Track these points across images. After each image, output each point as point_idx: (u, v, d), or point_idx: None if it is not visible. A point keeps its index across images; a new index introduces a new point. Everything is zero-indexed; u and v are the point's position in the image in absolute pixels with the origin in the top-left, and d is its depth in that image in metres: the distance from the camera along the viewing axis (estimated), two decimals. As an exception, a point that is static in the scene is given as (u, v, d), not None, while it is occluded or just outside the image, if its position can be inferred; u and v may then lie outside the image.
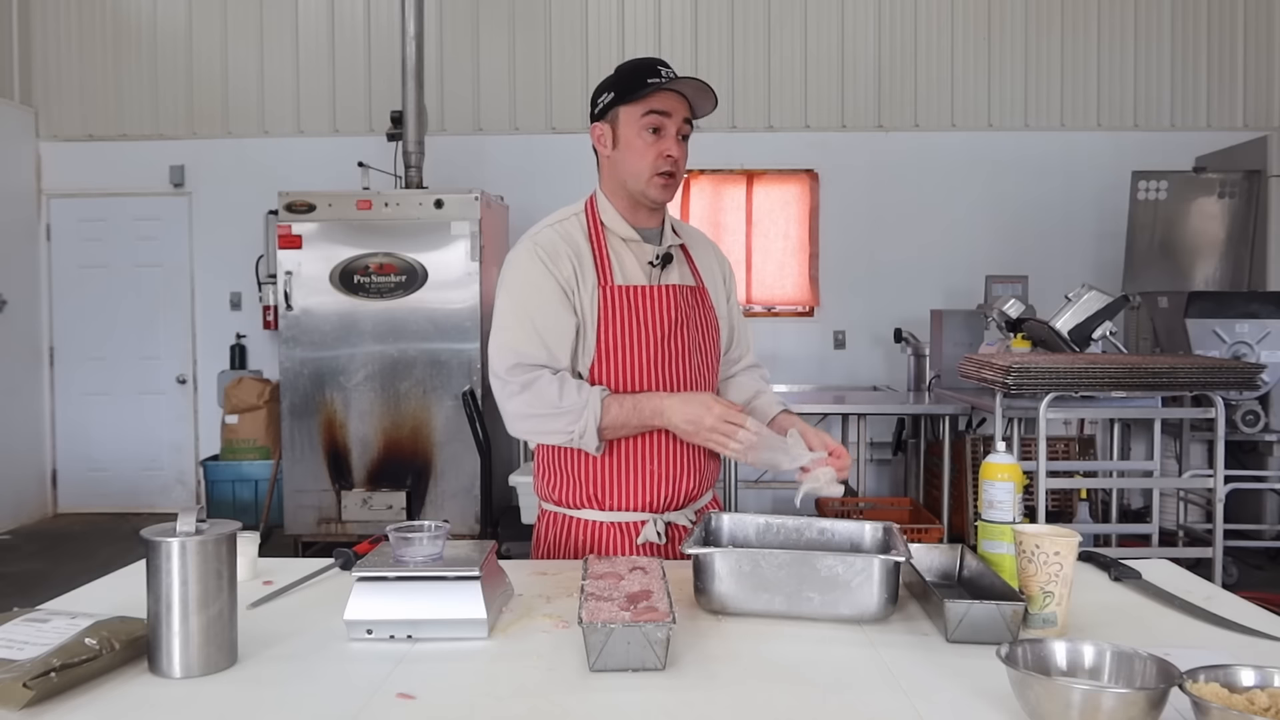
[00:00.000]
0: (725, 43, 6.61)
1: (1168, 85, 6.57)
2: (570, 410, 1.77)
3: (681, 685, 1.25)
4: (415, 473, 5.40)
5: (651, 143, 1.83)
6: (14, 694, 1.14)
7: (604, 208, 1.92)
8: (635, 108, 1.83)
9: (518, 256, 1.88)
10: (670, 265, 1.92)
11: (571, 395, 1.78)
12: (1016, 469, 1.59)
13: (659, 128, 1.83)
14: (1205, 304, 5.10)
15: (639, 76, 1.82)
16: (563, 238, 1.87)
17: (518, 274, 1.87)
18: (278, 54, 6.72)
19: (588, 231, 1.90)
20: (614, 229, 1.90)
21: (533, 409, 1.80)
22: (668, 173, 1.84)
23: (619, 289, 1.85)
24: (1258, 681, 1.09)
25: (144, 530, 1.30)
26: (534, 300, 1.83)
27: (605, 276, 1.86)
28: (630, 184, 1.87)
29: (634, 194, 1.88)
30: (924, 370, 5.82)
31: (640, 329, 1.85)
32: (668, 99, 1.82)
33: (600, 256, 1.87)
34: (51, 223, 6.81)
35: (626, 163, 1.86)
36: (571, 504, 1.91)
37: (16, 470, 6.53)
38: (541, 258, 1.84)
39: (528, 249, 1.87)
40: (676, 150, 1.84)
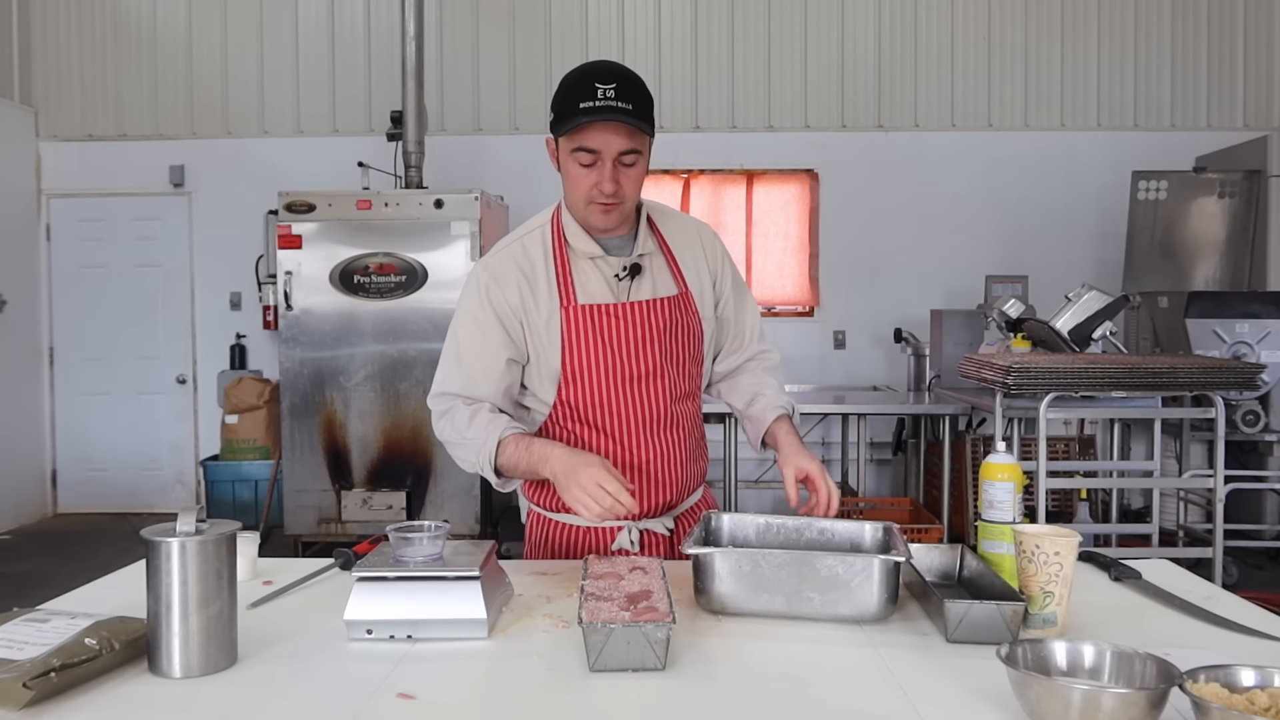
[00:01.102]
0: (725, 43, 6.61)
1: (1168, 85, 6.57)
2: (472, 443, 1.77)
3: (681, 685, 1.25)
4: (415, 473, 5.40)
5: (583, 174, 1.71)
6: (14, 694, 1.14)
7: (567, 221, 1.83)
8: (566, 141, 1.71)
9: (467, 282, 1.85)
10: (642, 275, 1.82)
11: (477, 429, 1.76)
12: (1016, 469, 1.59)
13: (590, 163, 1.70)
14: (1205, 304, 5.10)
15: (571, 100, 1.67)
16: (518, 260, 1.81)
17: (462, 302, 1.85)
18: (278, 54, 6.72)
19: (550, 247, 1.81)
20: (576, 245, 1.80)
21: (446, 435, 1.82)
22: (603, 202, 1.72)
23: (582, 309, 1.78)
24: (1258, 681, 1.09)
25: (144, 530, 1.30)
26: (463, 330, 1.82)
27: (568, 296, 1.78)
28: (573, 210, 1.80)
29: (580, 219, 1.80)
30: (924, 370, 5.82)
31: (606, 349, 1.79)
32: (598, 133, 1.66)
33: (563, 275, 1.79)
34: (51, 223, 6.81)
35: (566, 189, 1.78)
36: (551, 507, 1.93)
37: (16, 470, 6.53)
38: (485, 286, 1.80)
39: (476, 275, 1.83)
40: (610, 184, 1.70)
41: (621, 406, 1.82)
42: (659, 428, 1.85)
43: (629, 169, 1.72)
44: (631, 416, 1.83)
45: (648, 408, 1.83)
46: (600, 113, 1.64)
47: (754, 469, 6.53)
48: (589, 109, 1.64)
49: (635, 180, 1.74)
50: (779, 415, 1.90)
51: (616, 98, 1.65)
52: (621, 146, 1.69)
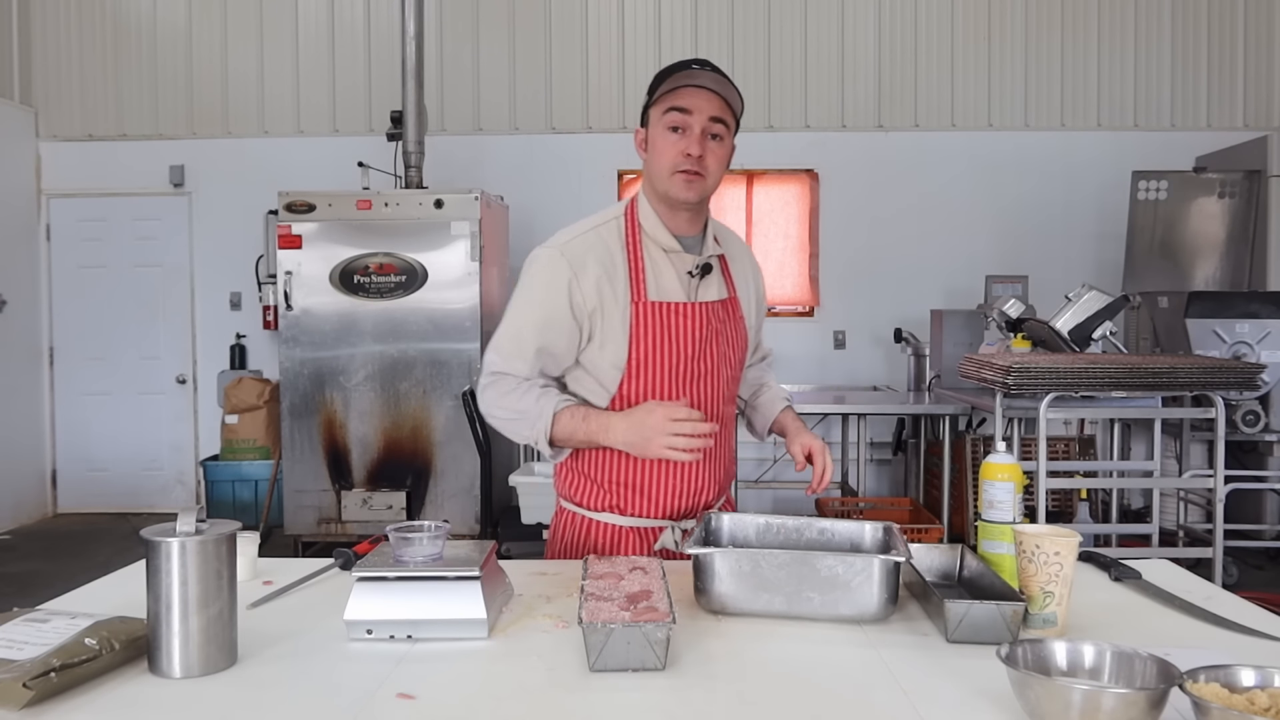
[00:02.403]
0: (725, 43, 6.61)
1: (1168, 85, 6.57)
2: (526, 416, 1.81)
3: (681, 685, 1.25)
4: (415, 473, 5.40)
5: (672, 141, 1.78)
6: (14, 694, 1.14)
7: (645, 213, 1.87)
8: (658, 107, 1.80)
9: (539, 259, 1.84)
10: (709, 276, 1.89)
11: (529, 403, 1.81)
12: (1016, 469, 1.59)
13: (679, 126, 1.77)
14: (1205, 304, 5.10)
15: (666, 75, 1.79)
16: (594, 247, 1.83)
17: (529, 278, 1.85)
18: (278, 54, 6.72)
19: (625, 239, 1.85)
20: (654, 236, 1.85)
21: (491, 410, 1.86)
22: (689, 170, 1.77)
23: (653, 306, 1.81)
24: (1258, 681, 1.09)
25: (144, 530, 1.30)
26: (527, 310, 1.84)
27: (639, 291, 1.82)
28: (657, 184, 1.83)
29: (662, 194, 1.83)
30: (924, 370, 5.82)
31: (671, 346, 1.83)
32: (690, 96, 1.76)
33: (635, 268, 1.83)
34: (51, 223, 6.81)
35: (652, 162, 1.83)
36: (591, 506, 1.92)
37: (16, 470, 6.53)
38: (558, 268, 1.80)
39: (551, 255, 1.83)
40: (697, 148, 1.76)
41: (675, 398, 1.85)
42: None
43: (715, 143, 1.79)
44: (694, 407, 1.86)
45: (703, 406, 1.86)
46: (695, 77, 1.76)
47: (754, 469, 6.53)
48: (684, 77, 1.77)
49: (718, 159, 1.81)
50: (785, 406, 2.05)
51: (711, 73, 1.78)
52: (711, 112, 1.77)
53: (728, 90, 1.77)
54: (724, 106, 1.78)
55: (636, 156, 1.91)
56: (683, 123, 1.77)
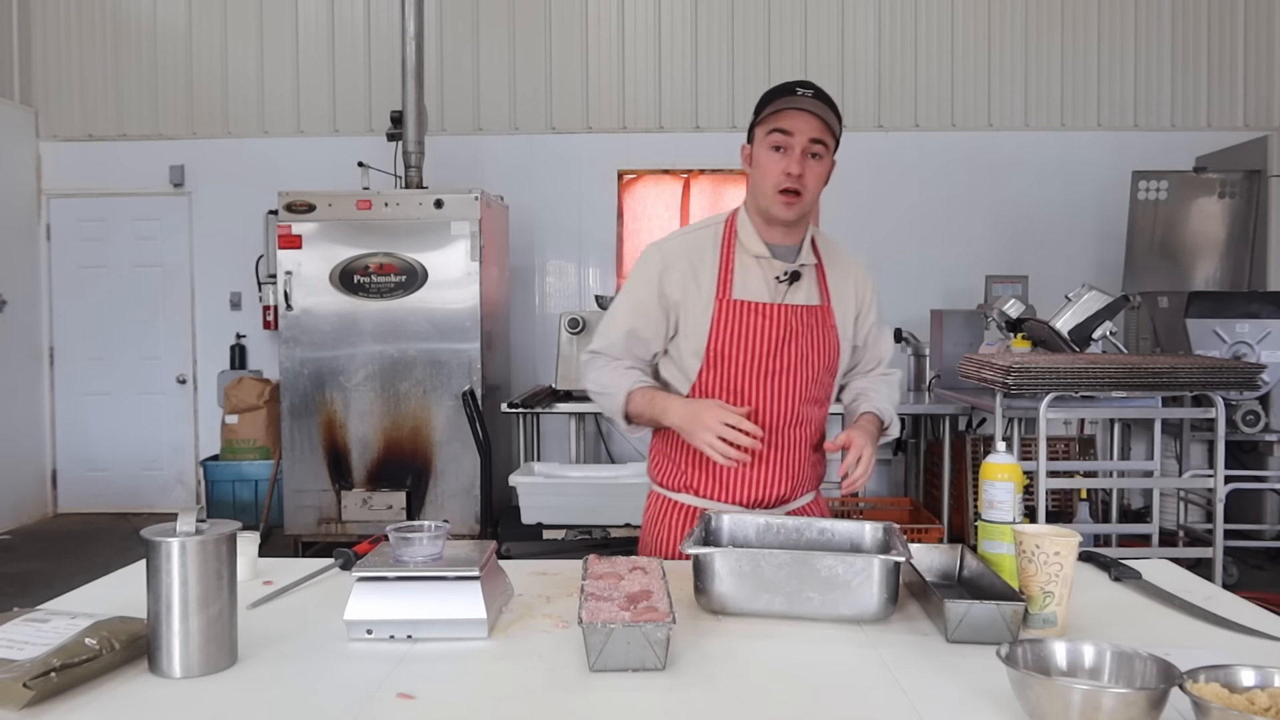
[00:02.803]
0: (725, 43, 6.61)
1: (1168, 85, 6.57)
2: (608, 392, 2.00)
3: (681, 685, 1.25)
4: (415, 473, 5.40)
5: (775, 160, 1.90)
6: (14, 694, 1.14)
7: (742, 222, 2.01)
8: (763, 127, 1.93)
9: (643, 255, 2.04)
10: (799, 283, 1.98)
11: (613, 379, 2.00)
12: (1016, 469, 1.59)
13: (782, 146, 1.89)
14: (1205, 304, 5.10)
15: (771, 96, 1.93)
16: (688, 248, 2.00)
17: (633, 271, 2.05)
18: (278, 54, 6.72)
19: (720, 243, 2.00)
20: (746, 244, 1.98)
21: (588, 383, 2.07)
22: (789, 189, 1.89)
23: (734, 303, 1.95)
24: (1258, 681, 1.09)
25: (144, 530, 1.30)
26: (625, 300, 2.03)
27: (724, 290, 1.96)
28: (760, 200, 1.95)
29: (763, 210, 1.95)
30: (924, 370, 5.82)
31: (748, 341, 1.95)
32: (793, 118, 1.88)
33: (725, 269, 1.97)
34: (51, 223, 6.81)
35: (756, 180, 1.96)
36: (671, 486, 2.05)
37: (16, 470, 6.53)
38: (653, 262, 1.99)
39: (650, 252, 2.03)
40: (797, 168, 1.87)
41: (754, 396, 1.96)
42: (784, 423, 1.98)
43: (814, 162, 1.90)
44: (762, 407, 1.96)
45: (778, 402, 1.97)
46: (797, 100, 1.89)
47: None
48: (788, 99, 1.90)
49: (817, 177, 1.92)
50: (867, 410, 2.04)
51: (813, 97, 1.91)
52: (811, 134, 1.88)
53: (828, 113, 1.89)
54: (824, 128, 1.89)
55: (636, 156, 1.94)
56: (785, 143, 1.89)
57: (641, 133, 6.60)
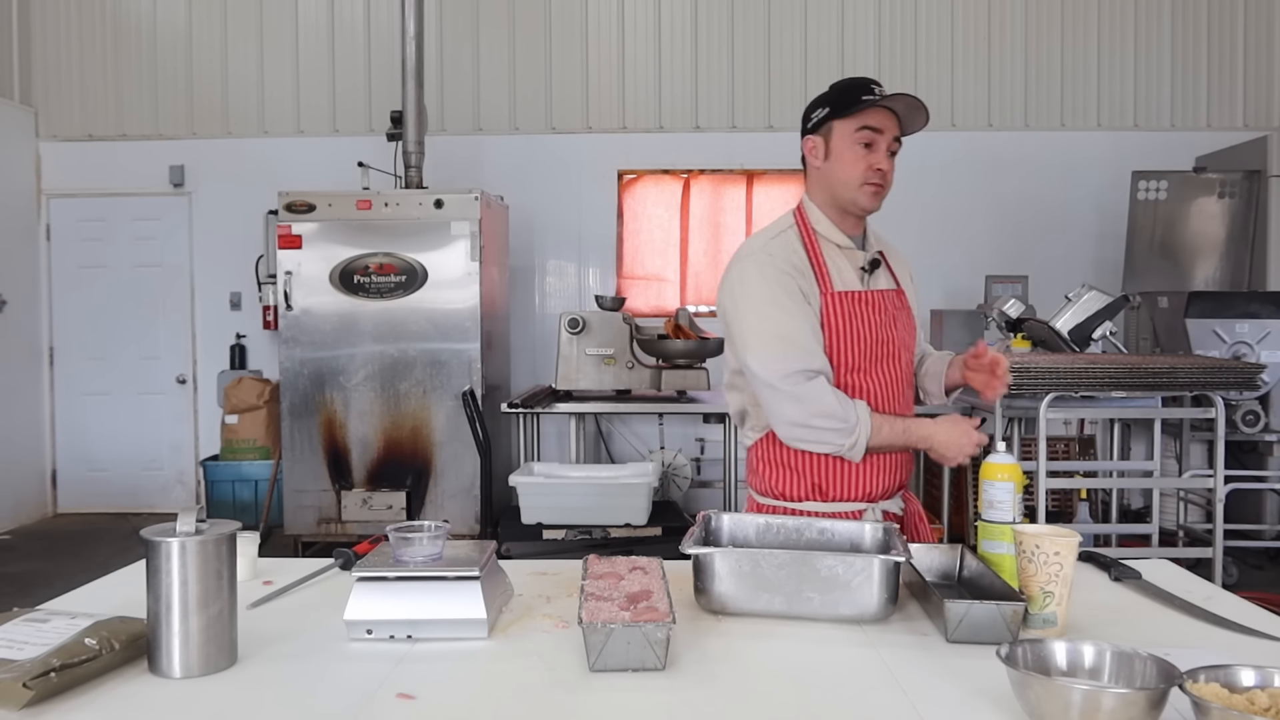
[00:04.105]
0: (725, 43, 6.61)
1: (1168, 85, 6.56)
2: (845, 425, 1.88)
3: (681, 685, 1.25)
4: (415, 473, 5.40)
5: (862, 155, 1.95)
6: (14, 694, 1.14)
7: (815, 216, 2.02)
8: (849, 122, 1.96)
9: (759, 271, 1.96)
10: (878, 270, 2.04)
11: (848, 409, 1.89)
12: (1016, 469, 1.59)
13: (870, 143, 1.95)
14: (1205, 304, 5.10)
15: (854, 93, 1.96)
16: (785, 251, 1.98)
17: (767, 287, 1.94)
18: (278, 54, 6.72)
19: (803, 241, 2.00)
20: (828, 236, 2.01)
21: (808, 418, 1.88)
22: (876, 183, 1.96)
23: (839, 295, 1.96)
24: (1258, 681, 1.09)
25: (144, 530, 1.30)
26: (774, 312, 1.93)
27: (825, 284, 1.97)
28: (840, 193, 1.98)
29: (843, 202, 1.99)
30: (924, 370, 5.81)
31: (860, 331, 1.96)
32: (880, 116, 1.95)
33: (818, 265, 1.98)
34: (51, 223, 6.81)
35: (837, 173, 1.98)
36: (794, 497, 2.00)
37: (16, 470, 6.53)
38: (784, 270, 1.95)
39: (765, 263, 1.96)
40: (885, 164, 1.95)
41: (870, 385, 1.98)
42: (894, 410, 2.00)
43: (892, 159, 1.98)
44: (878, 396, 1.97)
45: (890, 389, 2.00)
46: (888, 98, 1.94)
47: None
48: (874, 98, 1.94)
49: (893, 171, 1.99)
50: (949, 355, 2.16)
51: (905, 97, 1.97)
52: (895, 132, 1.97)
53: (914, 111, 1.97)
54: (899, 125, 1.98)
55: (636, 156, 1.93)
56: (873, 140, 1.95)
57: (641, 133, 6.60)
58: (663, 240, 6.69)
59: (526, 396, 5.23)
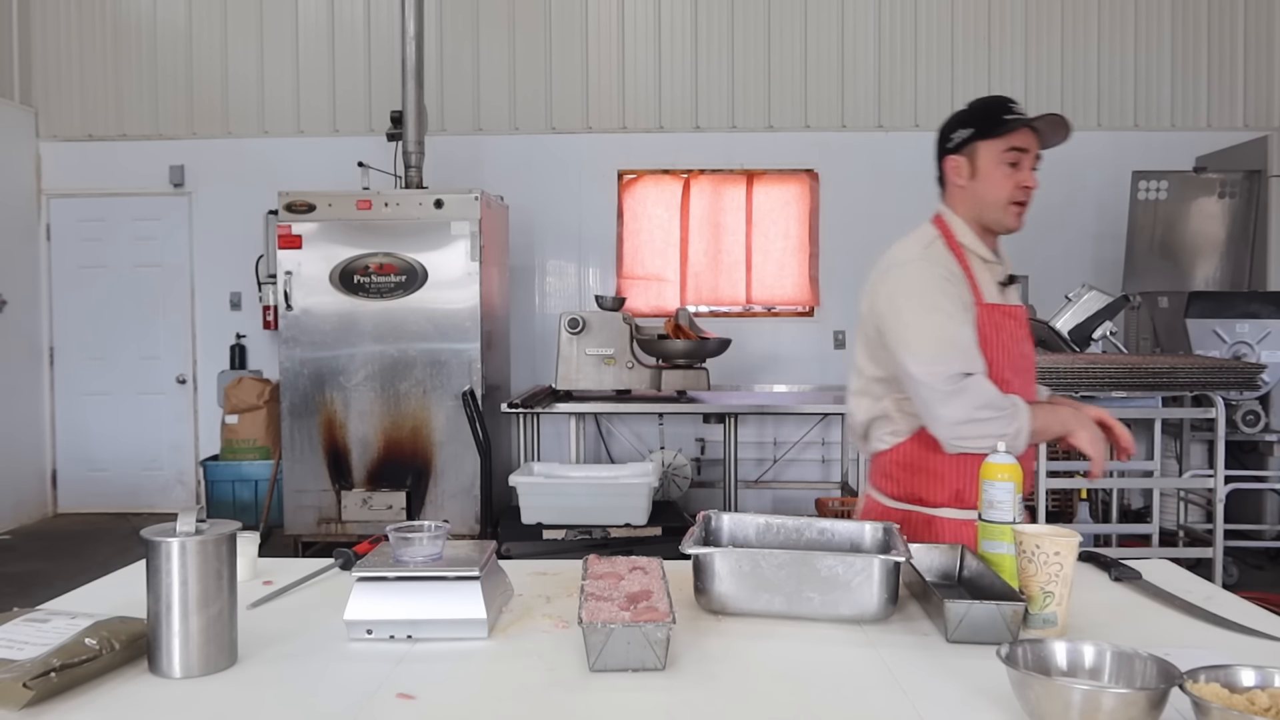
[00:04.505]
0: (725, 43, 6.61)
1: (1168, 85, 6.57)
2: (1007, 413, 1.85)
3: (681, 685, 1.25)
4: (415, 473, 5.40)
5: (1009, 175, 1.98)
6: (14, 694, 1.14)
7: (960, 230, 2.03)
8: (996, 143, 1.98)
9: (921, 275, 1.96)
10: (1012, 286, 2.08)
11: (1006, 398, 1.87)
12: (1016, 469, 1.59)
13: (1016, 162, 1.97)
14: (1205, 304, 5.10)
15: (997, 113, 1.99)
16: (940, 257, 1.99)
17: (930, 292, 1.94)
18: (278, 54, 6.72)
19: (951, 251, 2.02)
20: (973, 249, 2.02)
21: (972, 412, 1.85)
22: (1023, 201, 1.99)
23: (990, 307, 1.98)
24: (1258, 681, 1.09)
25: (144, 530, 1.30)
26: (954, 314, 1.93)
27: (977, 295, 1.98)
28: (986, 213, 2.01)
29: (988, 221, 2.02)
30: (924, 370, 5.81)
31: (1009, 344, 1.99)
32: (1025, 135, 1.98)
33: (969, 276, 1.99)
34: (51, 223, 6.81)
35: (984, 193, 2.00)
36: (934, 503, 1.98)
37: (16, 470, 6.53)
38: (945, 276, 1.96)
39: (927, 269, 1.96)
40: (1032, 181, 1.99)
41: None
42: None
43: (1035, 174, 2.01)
44: None
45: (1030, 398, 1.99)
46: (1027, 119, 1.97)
47: (754, 469, 6.53)
48: (1018, 118, 1.98)
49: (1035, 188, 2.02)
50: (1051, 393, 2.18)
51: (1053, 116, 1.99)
52: (1038, 148, 2.01)
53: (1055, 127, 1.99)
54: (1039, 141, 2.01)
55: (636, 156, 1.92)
56: (1019, 159, 1.98)
57: (641, 133, 6.60)
58: (663, 240, 6.69)
59: (526, 396, 5.23)
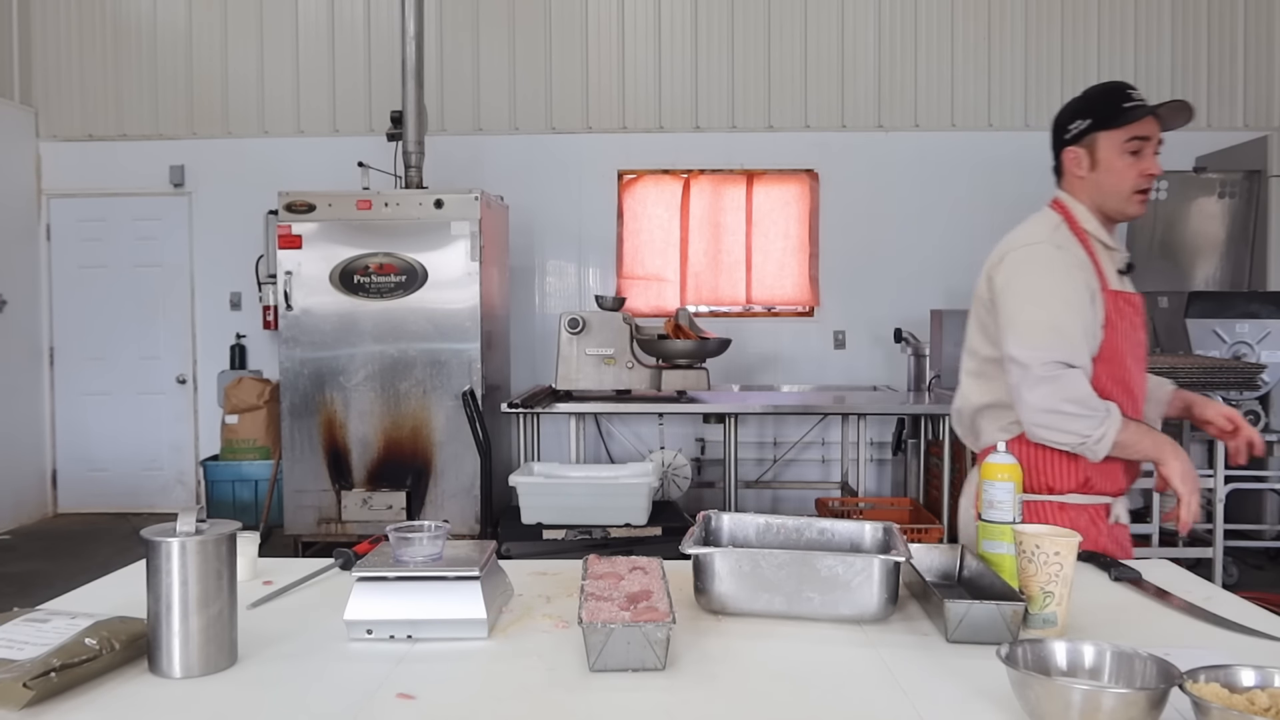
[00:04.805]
0: (725, 43, 6.61)
1: (1168, 85, 6.56)
2: (1097, 414, 1.84)
3: (681, 685, 1.25)
4: (415, 473, 5.40)
5: (1132, 164, 1.97)
6: (14, 694, 1.14)
7: (1083, 216, 2.02)
8: (1117, 133, 1.96)
9: (1046, 259, 1.94)
10: (1129, 273, 2.07)
11: (1100, 401, 1.86)
12: (1016, 469, 1.59)
13: (1138, 150, 1.96)
14: (1205, 304, 5.09)
15: (1115, 101, 1.97)
16: (1068, 243, 1.97)
17: (1052, 277, 1.93)
18: (278, 54, 6.72)
19: (1075, 237, 2.00)
20: (1096, 235, 2.01)
21: (1059, 403, 1.85)
22: (1146, 189, 1.99)
23: (1115, 294, 1.97)
24: (1258, 681, 1.09)
25: (144, 530, 1.30)
26: (1075, 302, 1.91)
27: (1103, 281, 1.97)
28: (1110, 202, 2.00)
29: (1111, 210, 2.02)
30: (924, 370, 5.82)
31: (1131, 333, 1.98)
32: (1146, 123, 1.96)
33: (1095, 262, 1.98)
34: (51, 223, 6.81)
35: (1107, 184, 1.99)
36: (1062, 489, 1.98)
37: (16, 470, 6.53)
38: (1063, 258, 1.94)
39: (1054, 254, 1.94)
40: (1156, 168, 1.98)
41: (1134, 387, 1.99)
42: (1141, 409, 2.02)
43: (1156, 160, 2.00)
44: (1139, 397, 2.00)
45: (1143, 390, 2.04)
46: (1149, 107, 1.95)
47: (754, 469, 6.53)
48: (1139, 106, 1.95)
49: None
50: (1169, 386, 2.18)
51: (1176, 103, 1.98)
52: (1159, 134, 1.99)
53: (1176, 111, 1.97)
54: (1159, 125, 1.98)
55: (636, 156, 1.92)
56: (1142, 148, 1.97)
57: (641, 133, 6.60)
58: (663, 240, 6.69)
59: (526, 396, 5.23)
